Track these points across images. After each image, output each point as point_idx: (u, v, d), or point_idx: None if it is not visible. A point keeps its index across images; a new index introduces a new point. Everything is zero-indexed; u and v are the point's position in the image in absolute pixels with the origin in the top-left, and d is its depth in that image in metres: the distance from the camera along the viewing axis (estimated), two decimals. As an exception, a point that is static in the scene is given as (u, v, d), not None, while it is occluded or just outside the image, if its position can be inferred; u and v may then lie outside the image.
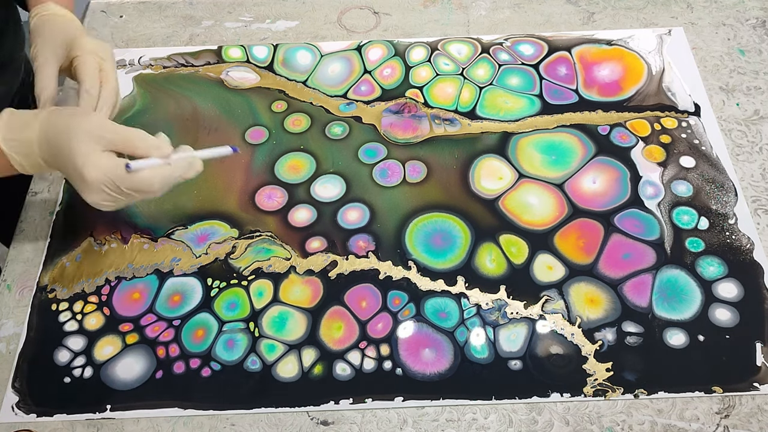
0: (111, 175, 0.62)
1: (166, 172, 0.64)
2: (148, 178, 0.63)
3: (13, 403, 0.71)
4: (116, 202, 0.65)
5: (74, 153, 0.62)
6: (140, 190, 0.64)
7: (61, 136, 0.63)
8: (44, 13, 0.79)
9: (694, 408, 0.69)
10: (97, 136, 0.63)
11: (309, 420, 0.70)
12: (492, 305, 0.76)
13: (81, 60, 0.74)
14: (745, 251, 0.79)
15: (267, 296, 0.77)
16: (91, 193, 0.64)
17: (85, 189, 0.63)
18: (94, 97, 0.73)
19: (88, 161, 0.62)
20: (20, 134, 0.65)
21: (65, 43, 0.75)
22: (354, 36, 1.02)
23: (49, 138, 0.64)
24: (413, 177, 0.86)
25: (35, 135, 0.64)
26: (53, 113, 0.65)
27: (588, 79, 0.95)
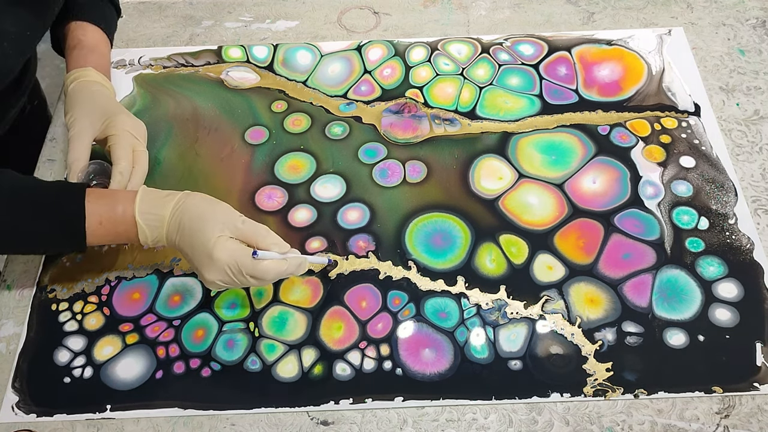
0: (237, 258, 0.68)
1: (282, 267, 0.69)
2: (267, 268, 0.69)
3: (13, 403, 0.71)
4: (231, 284, 0.70)
5: (206, 234, 0.68)
6: (257, 277, 0.69)
7: (197, 218, 0.69)
8: (84, 79, 0.83)
9: (694, 408, 0.69)
10: (230, 224, 0.69)
11: (309, 420, 0.70)
12: (492, 305, 0.76)
13: (117, 140, 0.79)
14: (745, 251, 0.79)
15: (267, 296, 0.77)
16: (214, 271, 0.68)
17: (209, 267, 0.68)
18: (126, 179, 0.78)
19: (219, 243, 0.68)
20: (155, 210, 0.71)
21: (103, 118, 0.80)
22: (354, 36, 1.02)
23: (183, 218, 0.70)
24: (413, 177, 0.86)
25: (168, 213, 0.70)
26: (189, 197, 0.71)
27: (588, 79, 0.95)
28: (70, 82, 0.84)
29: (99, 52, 0.87)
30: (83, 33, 0.87)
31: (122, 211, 0.71)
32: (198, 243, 0.68)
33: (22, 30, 0.76)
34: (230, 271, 0.68)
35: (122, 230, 0.71)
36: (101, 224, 0.70)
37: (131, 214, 0.70)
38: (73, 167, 0.78)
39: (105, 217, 0.70)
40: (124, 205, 0.71)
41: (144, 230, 0.71)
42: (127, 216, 0.70)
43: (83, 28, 0.87)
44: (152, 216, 0.71)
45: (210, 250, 0.68)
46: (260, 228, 0.70)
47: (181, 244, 0.70)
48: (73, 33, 0.87)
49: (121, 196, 0.72)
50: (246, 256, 0.68)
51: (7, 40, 0.74)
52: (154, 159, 0.89)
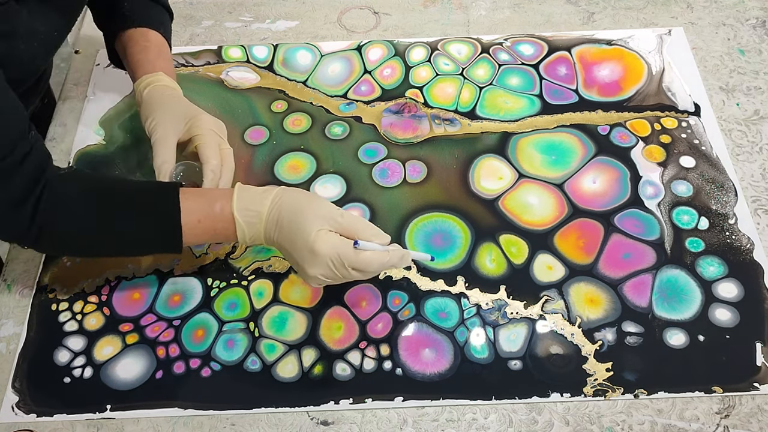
0: (339, 250, 0.67)
1: (384, 258, 0.68)
2: (369, 259, 0.67)
3: (13, 403, 0.71)
4: (334, 279, 0.68)
5: (307, 229, 0.67)
6: (360, 269, 0.67)
7: (296, 213, 0.68)
8: (157, 84, 0.83)
9: (694, 408, 0.69)
10: (330, 218, 0.68)
11: (309, 420, 0.70)
12: (492, 305, 0.76)
13: (204, 139, 0.79)
14: (745, 251, 0.79)
15: (267, 296, 0.77)
16: (316, 266, 0.67)
17: (311, 261, 0.67)
18: (218, 176, 0.77)
19: (320, 237, 0.67)
20: (252, 206, 0.70)
21: (185, 119, 0.80)
22: (354, 36, 1.02)
23: (281, 213, 0.69)
24: (413, 177, 0.86)
25: (266, 209, 0.69)
26: (286, 192, 0.71)
27: (588, 79, 0.95)
28: (143, 87, 0.83)
29: (165, 57, 0.87)
30: (146, 39, 0.86)
31: (220, 208, 0.70)
32: (298, 238, 0.67)
33: (50, 30, 0.76)
34: (333, 264, 0.67)
35: (220, 228, 0.70)
36: (200, 222, 0.70)
37: (229, 211, 0.70)
38: (162, 169, 0.77)
39: (203, 214, 0.70)
40: (221, 203, 0.70)
41: (242, 227, 0.70)
42: (225, 213, 0.70)
43: (145, 34, 0.87)
44: (250, 212, 0.70)
45: (311, 245, 0.66)
46: (360, 220, 0.69)
47: (280, 239, 0.69)
48: (135, 40, 0.86)
49: (218, 193, 0.72)
50: (348, 248, 0.67)
51: (37, 39, 0.74)
52: (154, 159, 0.89)
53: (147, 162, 0.88)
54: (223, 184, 0.78)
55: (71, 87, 0.98)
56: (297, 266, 0.70)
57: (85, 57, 1.01)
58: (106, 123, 0.93)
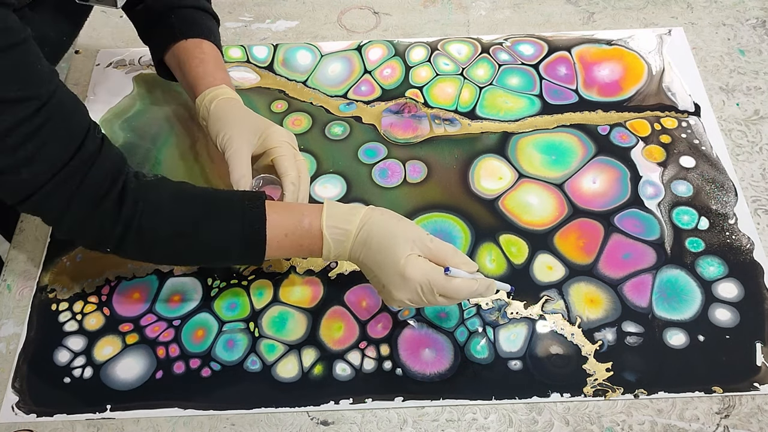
0: (430, 276, 0.65)
1: (473, 286, 0.67)
2: (459, 286, 0.66)
3: (13, 403, 0.71)
4: (419, 304, 0.68)
5: (398, 253, 0.66)
6: (448, 296, 0.66)
7: (386, 236, 0.67)
8: (223, 97, 0.81)
9: (694, 408, 0.69)
10: (420, 242, 0.67)
11: (309, 420, 0.70)
12: (492, 305, 0.76)
13: (281, 151, 0.77)
14: (745, 251, 0.79)
15: (267, 296, 0.77)
16: (405, 290, 0.66)
17: (400, 286, 0.66)
18: (297, 188, 0.76)
19: (410, 261, 0.66)
20: (341, 224, 0.69)
21: (258, 132, 0.78)
22: (354, 36, 1.02)
23: (370, 234, 0.68)
24: (413, 177, 0.86)
25: (354, 228, 0.69)
26: (375, 212, 0.70)
27: (588, 79, 0.95)
28: (209, 102, 0.81)
29: (222, 68, 0.85)
30: (201, 51, 0.84)
31: (309, 224, 0.69)
32: (388, 261, 0.67)
33: (59, 35, 0.76)
34: (422, 290, 0.66)
35: (307, 244, 0.70)
36: (286, 236, 0.69)
37: (318, 227, 0.69)
38: (241, 184, 0.76)
39: (291, 229, 0.69)
40: (310, 219, 0.69)
41: (329, 244, 0.69)
42: (313, 229, 0.69)
43: (199, 45, 0.84)
44: (339, 230, 0.69)
45: (402, 269, 0.66)
46: (449, 247, 0.68)
47: (366, 260, 0.69)
48: (190, 52, 0.84)
49: (306, 209, 0.71)
50: (439, 275, 0.66)
51: (48, 45, 0.73)
52: (155, 159, 0.89)
53: (148, 162, 0.89)
54: (302, 196, 0.77)
55: (71, 87, 0.98)
56: (383, 288, 0.69)
57: (85, 57, 1.01)
58: (106, 123, 0.93)
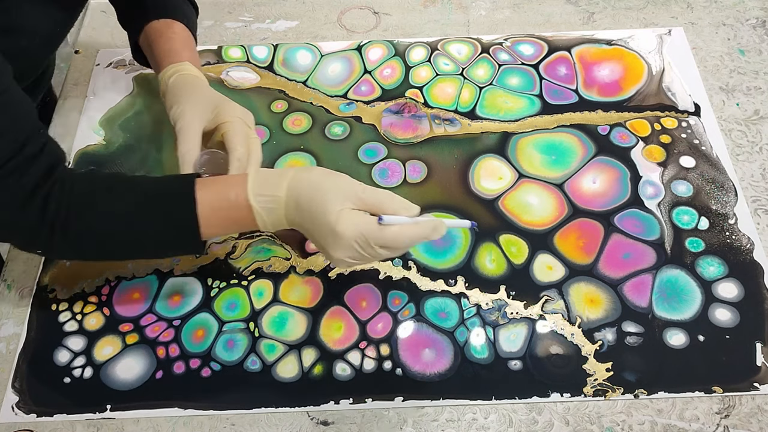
0: (363, 229, 0.63)
1: (414, 231, 0.64)
2: (397, 234, 0.63)
3: (13, 403, 0.71)
4: (361, 259, 0.65)
5: (328, 209, 0.63)
6: (388, 246, 0.64)
7: (315, 194, 0.64)
8: (184, 72, 0.80)
9: (694, 408, 0.69)
10: (352, 195, 0.64)
11: (309, 420, 0.70)
12: (492, 305, 0.76)
13: (231, 127, 0.75)
14: (745, 251, 0.79)
15: (267, 296, 0.77)
16: (341, 248, 0.64)
17: (335, 244, 0.64)
18: (244, 165, 0.74)
19: (342, 216, 0.63)
20: (270, 191, 0.66)
21: (211, 107, 0.77)
22: (354, 36, 1.02)
23: (299, 195, 0.65)
24: (413, 177, 0.86)
25: (284, 193, 0.66)
26: (302, 172, 0.67)
27: (588, 79, 0.95)
28: (168, 76, 0.80)
29: (191, 48, 0.85)
30: (172, 31, 0.84)
31: (235, 196, 0.66)
32: (321, 220, 0.63)
33: (52, 25, 0.76)
34: (358, 245, 0.63)
35: (238, 216, 0.66)
36: (215, 211, 0.66)
37: (244, 197, 0.66)
38: (186, 158, 0.74)
39: (218, 203, 0.66)
40: (236, 190, 0.66)
41: (261, 214, 0.66)
42: (240, 201, 0.66)
43: (170, 25, 0.84)
44: (267, 198, 0.66)
45: (333, 226, 0.63)
46: (384, 194, 0.65)
47: (302, 222, 0.66)
48: (160, 32, 0.84)
49: (233, 180, 0.68)
50: (373, 226, 0.63)
51: (39, 34, 0.73)
52: (154, 159, 0.89)
53: (148, 162, 0.89)
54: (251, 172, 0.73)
55: (71, 87, 0.98)
56: (322, 250, 0.66)
57: (85, 57, 1.01)
58: (106, 123, 0.93)
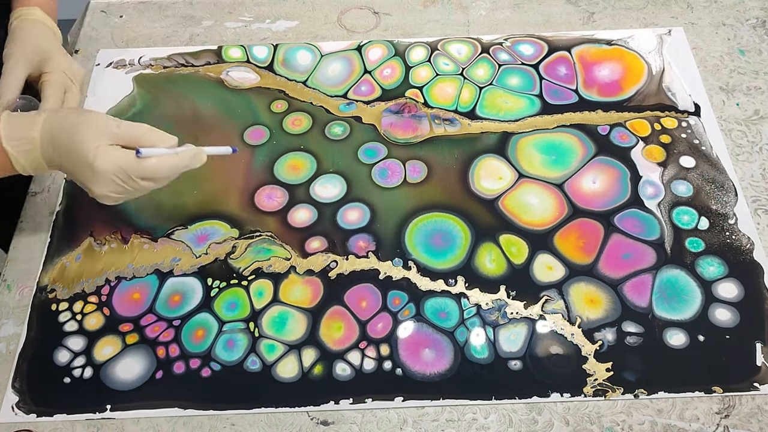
0: (121, 163, 0.64)
1: (173, 161, 0.67)
2: (157, 165, 0.65)
3: (13, 403, 0.71)
4: (124, 193, 0.66)
5: (84, 147, 0.64)
6: (148, 177, 0.66)
7: (69, 133, 0.65)
8: (28, 17, 0.80)
9: (694, 408, 0.69)
10: (106, 131, 0.65)
11: (309, 420, 0.70)
12: (492, 305, 0.76)
13: (49, 78, 0.76)
14: (745, 251, 0.79)
15: (267, 296, 0.77)
16: (101, 184, 0.65)
17: (95, 181, 0.65)
18: None
19: (99, 152, 0.64)
20: (23, 134, 0.66)
21: (41, 54, 0.77)
22: (354, 36, 1.02)
23: (54, 135, 0.65)
24: (413, 177, 0.86)
25: (38, 134, 0.66)
26: (57, 112, 0.67)
27: (588, 79, 0.95)
28: (13, 19, 0.80)
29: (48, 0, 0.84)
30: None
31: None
32: (78, 158, 0.64)
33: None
34: (118, 179, 0.65)
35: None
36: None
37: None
38: (2, 98, 0.74)
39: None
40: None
41: (16, 158, 0.66)
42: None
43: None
44: (21, 141, 0.66)
45: (91, 162, 0.64)
46: (140, 126, 0.67)
47: (61, 162, 0.66)
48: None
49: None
50: (131, 159, 0.64)
51: None
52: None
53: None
54: None
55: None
56: (85, 187, 0.67)
57: (85, 57, 1.01)
58: (106, 123, 0.93)
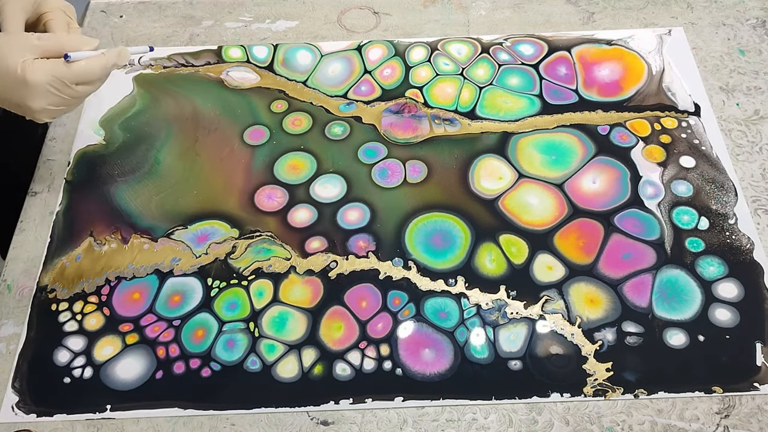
0: (53, 71, 0.66)
1: (102, 61, 0.69)
2: (88, 66, 0.67)
3: (13, 403, 0.71)
4: (62, 103, 0.68)
5: (10, 65, 0.65)
6: (83, 80, 0.68)
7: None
8: None
9: (694, 408, 0.69)
10: (28, 44, 0.66)
11: (309, 420, 0.70)
12: (492, 305, 0.76)
13: (53, 16, 0.76)
14: (745, 251, 0.79)
15: (267, 296, 0.77)
16: (37, 97, 0.66)
17: (30, 95, 0.66)
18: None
19: (27, 66, 0.65)
20: None
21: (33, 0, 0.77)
22: (354, 36, 1.02)
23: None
24: (413, 177, 0.86)
25: None
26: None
27: (588, 79, 0.95)
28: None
29: None
30: None
31: None
32: (6, 78, 0.65)
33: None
34: (54, 88, 0.66)
35: None
36: None
37: None
38: None
39: None
40: None
41: None
42: None
43: None
44: None
45: (22, 77, 0.65)
46: (60, 35, 0.69)
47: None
48: None
49: None
50: (60, 66, 0.66)
51: None
52: (154, 159, 0.89)
53: (148, 162, 0.89)
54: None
55: (71, 87, 0.98)
56: (19, 108, 0.68)
57: (85, 57, 1.01)
58: (106, 123, 0.93)
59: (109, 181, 0.87)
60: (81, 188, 0.87)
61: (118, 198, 0.86)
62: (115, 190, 0.86)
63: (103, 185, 0.87)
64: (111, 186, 0.87)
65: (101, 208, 0.85)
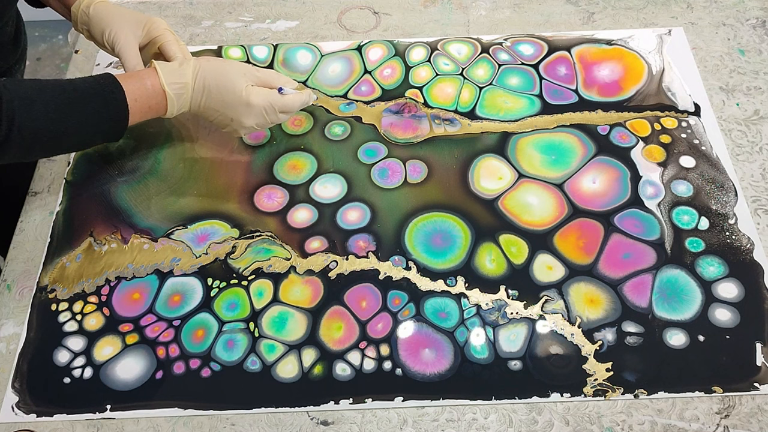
0: (270, 99, 0.80)
1: (300, 98, 0.83)
2: (292, 100, 0.82)
3: (13, 403, 0.71)
4: (265, 125, 0.82)
5: (237, 87, 0.79)
6: (286, 110, 0.82)
7: (221, 77, 0.79)
8: (98, 1, 0.86)
9: (694, 408, 0.69)
10: (251, 74, 0.80)
11: (309, 420, 0.70)
12: (492, 305, 0.76)
13: (166, 38, 0.85)
14: (745, 251, 0.79)
15: (267, 296, 0.77)
16: (252, 116, 0.80)
17: (248, 114, 0.80)
18: None
19: (251, 91, 0.79)
20: (178, 79, 0.78)
21: (140, 25, 0.85)
22: (354, 36, 1.02)
23: (206, 80, 0.79)
24: (413, 177, 0.86)
25: (191, 80, 0.78)
26: (202, 62, 0.80)
27: (588, 79, 0.95)
28: (86, 6, 0.86)
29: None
30: None
31: (151, 85, 0.77)
32: (231, 97, 0.79)
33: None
34: (266, 112, 0.80)
35: (153, 104, 0.78)
36: (136, 101, 0.77)
37: (159, 86, 0.77)
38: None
39: (138, 94, 0.77)
40: (151, 80, 0.77)
41: (173, 99, 0.78)
42: (156, 88, 0.77)
43: None
44: (178, 85, 0.78)
45: (246, 99, 0.79)
46: (272, 72, 0.83)
47: (209, 104, 0.80)
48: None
49: (144, 73, 0.78)
50: (275, 96, 0.80)
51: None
52: (155, 159, 0.89)
53: (148, 162, 0.89)
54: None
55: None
56: (231, 122, 0.81)
57: (85, 57, 1.02)
58: (106, 123, 0.93)
59: (109, 181, 0.87)
60: (81, 188, 0.87)
61: (118, 198, 0.86)
62: (115, 190, 0.86)
63: (103, 185, 0.87)
64: (111, 186, 0.87)
65: (101, 208, 0.85)
